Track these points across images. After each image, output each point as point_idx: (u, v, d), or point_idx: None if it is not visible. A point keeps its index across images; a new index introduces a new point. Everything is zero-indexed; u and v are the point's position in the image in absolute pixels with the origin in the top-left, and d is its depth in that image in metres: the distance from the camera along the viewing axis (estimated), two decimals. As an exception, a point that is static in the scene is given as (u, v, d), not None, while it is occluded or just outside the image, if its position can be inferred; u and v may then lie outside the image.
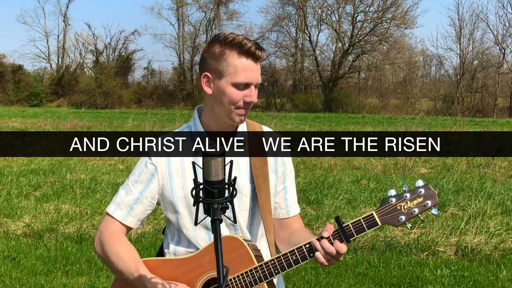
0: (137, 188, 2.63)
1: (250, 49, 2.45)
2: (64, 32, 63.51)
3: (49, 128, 25.36)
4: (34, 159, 15.56)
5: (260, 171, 2.61)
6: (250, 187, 2.60)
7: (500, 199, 10.25)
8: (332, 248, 2.40)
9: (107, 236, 2.63)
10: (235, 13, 60.81)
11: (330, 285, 6.66)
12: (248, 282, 2.45)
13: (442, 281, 6.77)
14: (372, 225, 2.45)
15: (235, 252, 2.45)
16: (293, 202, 2.78)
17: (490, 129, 25.11)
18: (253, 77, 2.46)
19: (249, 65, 2.45)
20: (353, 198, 10.49)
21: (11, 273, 7.04)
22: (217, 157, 1.96)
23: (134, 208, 2.63)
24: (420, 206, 2.44)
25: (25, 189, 11.42)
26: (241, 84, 2.45)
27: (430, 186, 2.47)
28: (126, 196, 2.65)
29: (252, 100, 2.48)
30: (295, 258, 2.45)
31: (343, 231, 2.43)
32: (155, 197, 2.63)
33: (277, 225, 2.75)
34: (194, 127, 2.63)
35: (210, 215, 1.99)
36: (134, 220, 2.65)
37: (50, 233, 8.74)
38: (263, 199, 2.60)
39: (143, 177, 2.63)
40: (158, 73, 63.63)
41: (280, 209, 2.75)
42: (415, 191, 2.46)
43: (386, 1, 52.42)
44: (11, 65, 60.64)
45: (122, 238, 2.63)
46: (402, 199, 2.46)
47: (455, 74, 53.81)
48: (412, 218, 2.45)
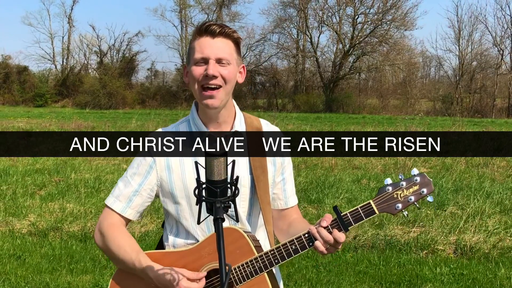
0: (135, 180, 2.62)
1: (204, 27, 2.48)
2: (68, 34, 63.70)
3: (54, 128, 25.38)
4: (39, 158, 15.58)
5: (259, 162, 2.61)
6: (249, 178, 2.59)
7: (498, 198, 10.25)
8: (330, 237, 2.39)
9: (106, 227, 2.63)
10: (237, 15, 60.92)
11: (331, 283, 6.66)
12: (249, 272, 2.45)
13: (441, 279, 6.76)
14: (370, 214, 2.44)
15: (235, 243, 2.45)
16: (291, 193, 2.77)
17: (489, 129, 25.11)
18: (210, 52, 2.45)
19: (204, 41, 2.47)
20: (353, 197, 10.50)
21: (17, 271, 7.05)
22: (219, 157, 1.96)
23: (133, 200, 2.62)
24: (416, 194, 2.44)
25: (30, 188, 11.44)
26: (198, 61, 2.47)
27: (425, 174, 2.47)
28: (125, 188, 2.63)
29: (209, 73, 2.43)
30: (295, 247, 2.45)
31: (341, 220, 2.42)
32: (153, 189, 2.62)
33: (276, 216, 2.76)
34: (192, 122, 2.63)
35: (213, 214, 1.99)
36: (133, 212, 2.64)
37: (55, 232, 8.74)
38: (261, 190, 2.60)
39: (141, 169, 2.61)
40: (161, 74, 63.76)
41: (279, 200, 2.75)
42: (411, 179, 2.46)
43: (386, 3, 52.45)
44: (16, 66, 60.74)
45: (122, 229, 2.64)
46: (398, 187, 2.45)
47: (454, 75, 53.86)
48: (409, 206, 2.45)
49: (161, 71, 64.21)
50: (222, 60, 2.47)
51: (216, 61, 2.46)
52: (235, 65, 2.53)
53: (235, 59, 2.54)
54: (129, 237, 2.62)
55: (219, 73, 2.45)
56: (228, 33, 2.50)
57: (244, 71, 2.65)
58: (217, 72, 2.44)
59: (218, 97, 2.47)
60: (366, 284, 6.67)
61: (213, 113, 2.54)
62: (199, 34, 2.49)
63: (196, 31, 2.51)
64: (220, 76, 2.46)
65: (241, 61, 2.61)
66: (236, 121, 2.62)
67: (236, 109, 2.67)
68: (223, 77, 2.47)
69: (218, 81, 2.46)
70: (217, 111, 2.53)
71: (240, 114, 2.68)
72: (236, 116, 2.64)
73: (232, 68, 2.51)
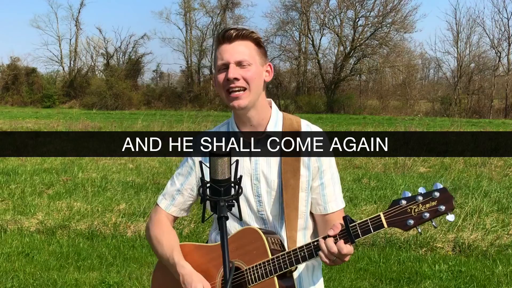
0: (179, 180, 2.73)
1: (221, 35, 2.51)
2: (76, 36, 63.73)
3: (61, 128, 25.38)
4: (47, 158, 15.59)
5: (291, 166, 2.55)
6: (277, 181, 2.56)
7: (496, 197, 10.23)
8: (334, 248, 2.30)
9: (153, 223, 2.76)
10: (240, 18, 60.88)
11: (332, 279, 6.65)
12: (260, 274, 2.45)
13: (440, 276, 6.75)
14: (378, 227, 2.28)
15: (254, 244, 2.47)
16: (331, 198, 2.64)
17: (486, 129, 25.10)
18: (228, 57, 2.46)
19: (223, 48, 2.49)
20: (354, 196, 10.48)
21: (25, 268, 7.05)
22: (223, 157, 1.96)
23: (176, 198, 2.74)
24: (432, 210, 2.20)
25: (39, 187, 11.44)
26: (220, 67, 2.48)
27: (448, 189, 2.20)
28: (170, 187, 2.76)
29: (230, 76, 2.44)
30: (303, 254, 2.42)
31: (348, 230, 2.29)
32: (194, 189, 2.71)
33: (320, 221, 2.67)
34: (231, 126, 2.65)
35: (217, 212, 1.99)
36: (176, 210, 2.75)
37: (63, 230, 8.75)
38: (289, 194, 2.54)
39: (184, 170, 2.73)
40: (167, 75, 63.72)
41: (318, 205, 2.64)
42: (429, 193, 2.21)
43: (386, 6, 52.49)
44: (25, 68, 60.82)
45: (165, 224, 2.74)
46: (413, 201, 2.23)
47: (453, 77, 53.87)
48: (423, 223, 2.24)
49: (166, 72, 64.23)
50: (242, 62, 2.46)
51: (236, 64, 2.46)
52: (257, 64, 2.52)
53: (257, 59, 2.53)
54: (169, 233, 2.71)
55: (240, 75, 2.45)
56: (245, 35, 2.50)
57: (271, 69, 2.63)
58: (238, 75, 2.45)
59: (243, 98, 2.47)
60: (367, 281, 6.67)
61: (243, 114, 2.54)
62: (218, 42, 2.52)
63: (216, 40, 2.55)
64: (242, 78, 2.46)
65: (265, 59, 2.59)
66: (270, 123, 2.60)
67: (273, 111, 2.64)
68: (245, 79, 2.46)
69: (241, 83, 2.46)
70: (245, 112, 2.53)
71: (277, 116, 2.64)
72: (271, 118, 2.61)
73: (255, 68, 2.50)
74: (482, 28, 60.33)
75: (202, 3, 60.60)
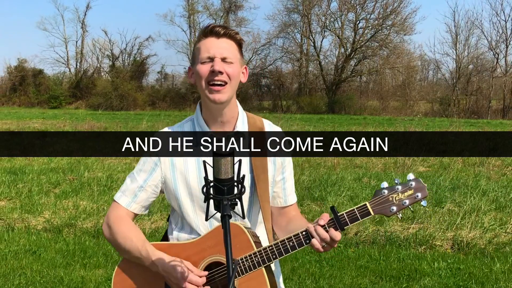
0: (141, 177, 2.64)
1: (209, 29, 2.51)
2: (82, 38, 63.76)
3: (68, 129, 25.42)
4: (53, 158, 15.60)
5: (260, 161, 2.61)
6: (249, 176, 2.59)
7: (494, 196, 10.22)
8: (326, 235, 2.38)
9: (113, 219, 2.65)
10: (243, 20, 60.85)
11: (334, 277, 6.65)
12: (247, 266, 2.45)
13: (439, 273, 6.75)
14: (365, 215, 2.44)
15: (236, 238, 2.45)
16: (291, 191, 2.77)
17: (485, 129, 25.06)
18: (215, 51, 2.48)
19: (210, 42, 2.50)
20: (355, 195, 10.48)
21: (32, 265, 7.06)
22: (226, 157, 1.96)
23: (138, 195, 2.64)
24: (411, 198, 2.46)
25: (45, 187, 11.45)
26: (205, 60, 2.48)
27: (420, 179, 2.49)
28: (131, 184, 2.66)
29: (216, 68, 2.45)
30: (292, 244, 2.45)
31: (337, 219, 2.42)
32: (158, 185, 2.64)
33: (276, 213, 2.76)
34: (196, 122, 2.64)
35: (220, 211, 1.99)
36: (138, 207, 2.66)
37: (69, 228, 8.76)
38: (261, 189, 2.60)
39: (146, 166, 2.64)
40: (171, 77, 63.66)
41: (279, 198, 2.74)
42: (406, 184, 2.48)
43: (386, 9, 52.43)
44: (32, 69, 60.83)
45: (128, 221, 2.65)
46: (394, 191, 2.47)
47: (451, 78, 53.79)
48: (403, 209, 2.46)
49: (170, 74, 64.15)
50: (226, 58, 2.49)
51: (221, 60, 2.48)
52: (238, 64, 2.55)
53: (238, 59, 2.56)
54: (135, 228, 2.64)
55: (224, 70, 2.47)
56: (232, 35, 2.53)
57: (247, 72, 2.67)
58: (222, 69, 2.46)
59: (224, 92, 2.48)
60: (367, 278, 6.66)
61: (218, 110, 2.55)
62: (204, 35, 2.52)
63: (201, 32, 2.54)
64: (226, 73, 2.48)
65: (243, 62, 2.63)
66: (238, 121, 2.63)
67: (239, 109, 2.67)
68: (228, 74, 2.48)
69: (223, 77, 2.47)
70: (221, 108, 2.54)
71: (243, 114, 2.68)
72: (238, 116, 2.64)
73: (236, 66, 2.53)
74: (480, 30, 60.54)
75: (206, 6, 60.77)
